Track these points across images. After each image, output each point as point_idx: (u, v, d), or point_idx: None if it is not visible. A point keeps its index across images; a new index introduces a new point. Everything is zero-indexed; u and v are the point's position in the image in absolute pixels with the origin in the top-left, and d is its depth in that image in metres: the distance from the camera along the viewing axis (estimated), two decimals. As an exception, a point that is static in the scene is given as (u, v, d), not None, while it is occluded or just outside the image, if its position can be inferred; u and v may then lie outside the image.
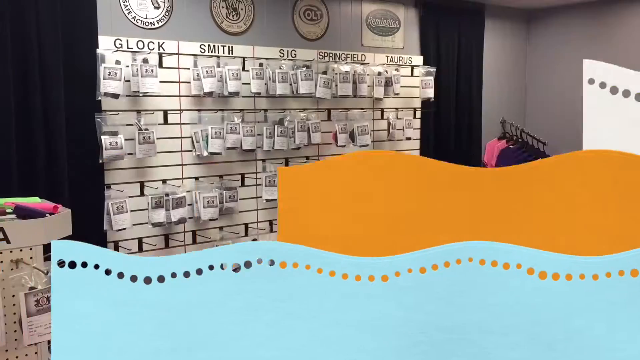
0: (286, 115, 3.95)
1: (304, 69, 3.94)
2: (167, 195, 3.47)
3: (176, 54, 3.55)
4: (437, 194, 1.31)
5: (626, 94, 1.42)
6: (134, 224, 3.40)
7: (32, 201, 2.06)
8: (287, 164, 4.07)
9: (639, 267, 0.74)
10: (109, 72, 3.20)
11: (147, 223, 3.45)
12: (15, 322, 1.74)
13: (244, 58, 3.78)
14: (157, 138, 3.42)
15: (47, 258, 1.86)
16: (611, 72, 1.44)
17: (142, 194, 3.48)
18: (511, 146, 5.30)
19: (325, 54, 4.19)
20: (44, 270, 1.75)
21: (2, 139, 2.95)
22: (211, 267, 0.81)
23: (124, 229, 3.32)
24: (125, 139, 3.30)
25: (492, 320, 0.78)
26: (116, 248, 3.43)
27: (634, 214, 1.17)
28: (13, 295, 1.73)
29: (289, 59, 3.98)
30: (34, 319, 1.69)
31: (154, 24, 3.49)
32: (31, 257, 1.78)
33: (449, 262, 0.78)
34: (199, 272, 0.81)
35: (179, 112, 3.58)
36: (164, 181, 3.56)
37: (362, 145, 4.26)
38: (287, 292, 0.81)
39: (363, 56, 4.40)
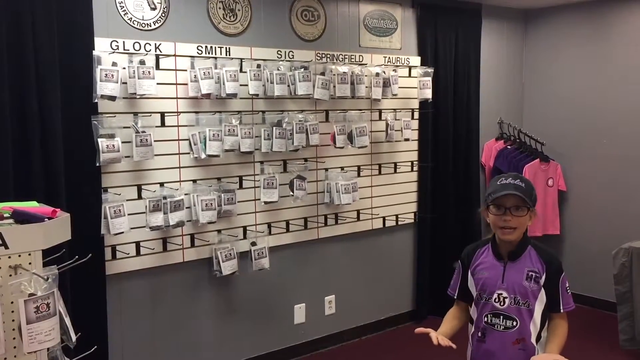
0: (284, 116, 3.91)
1: (302, 70, 3.90)
2: (164, 198, 3.43)
3: (173, 55, 3.51)
4: None
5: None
6: (132, 228, 3.35)
7: (30, 205, 2.01)
8: (285, 166, 4.03)
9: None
10: (106, 74, 3.16)
11: (144, 226, 3.41)
12: (14, 330, 1.70)
13: (241, 59, 3.75)
14: (155, 140, 3.38)
15: (47, 263, 1.82)
16: None
17: (139, 197, 3.44)
18: (509, 147, 5.30)
19: (323, 55, 4.16)
20: (43, 276, 1.71)
21: (-3, 143, 2.91)
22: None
23: (122, 232, 3.28)
24: (122, 142, 3.26)
25: None
26: (113, 252, 3.39)
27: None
28: (12, 302, 1.69)
29: (286, 60, 3.95)
30: (34, 326, 1.65)
31: (150, 25, 3.45)
32: (30, 263, 1.74)
33: None
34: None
35: (176, 114, 3.54)
36: (161, 184, 3.52)
37: (361, 146, 4.23)
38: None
39: (361, 57, 4.37)
